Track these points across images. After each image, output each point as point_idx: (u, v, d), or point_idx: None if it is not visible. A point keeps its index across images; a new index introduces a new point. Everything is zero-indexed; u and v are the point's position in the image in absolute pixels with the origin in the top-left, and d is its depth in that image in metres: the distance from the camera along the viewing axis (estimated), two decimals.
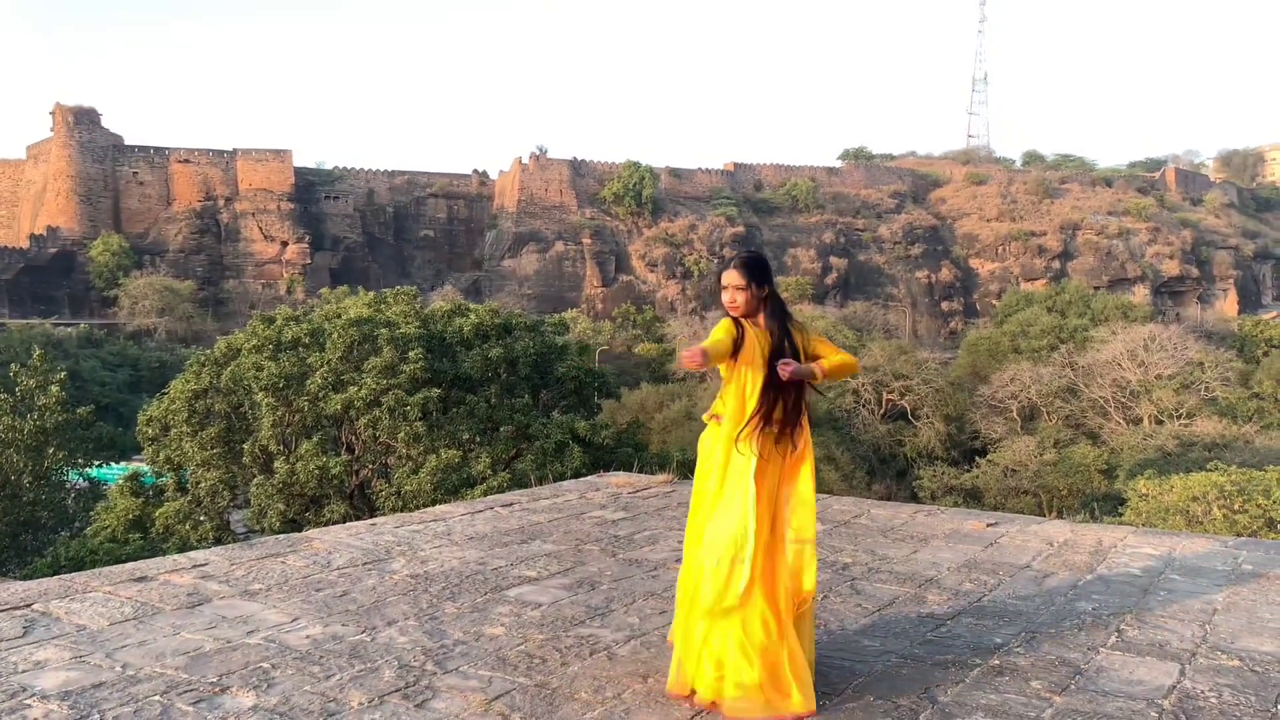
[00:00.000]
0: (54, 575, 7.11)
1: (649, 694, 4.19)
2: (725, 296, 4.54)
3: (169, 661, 4.49)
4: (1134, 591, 6.01)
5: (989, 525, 7.95)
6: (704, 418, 4.48)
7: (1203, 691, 4.31)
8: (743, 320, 4.47)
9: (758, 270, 4.55)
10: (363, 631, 5.01)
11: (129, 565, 6.30)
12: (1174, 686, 4.37)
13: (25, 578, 13.00)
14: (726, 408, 4.37)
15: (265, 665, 4.48)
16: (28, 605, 5.29)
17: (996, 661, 4.67)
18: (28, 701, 3.99)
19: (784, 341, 4.42)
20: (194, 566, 6.25)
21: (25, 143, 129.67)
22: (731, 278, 4.52)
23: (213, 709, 3.96)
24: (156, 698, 4.06)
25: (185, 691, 4.14)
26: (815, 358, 4.52)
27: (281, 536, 7.21)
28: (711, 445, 4.39)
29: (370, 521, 7.86)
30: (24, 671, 4.33)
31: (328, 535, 7.27)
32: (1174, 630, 5.20)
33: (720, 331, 4.41)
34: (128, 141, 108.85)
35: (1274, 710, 4.10)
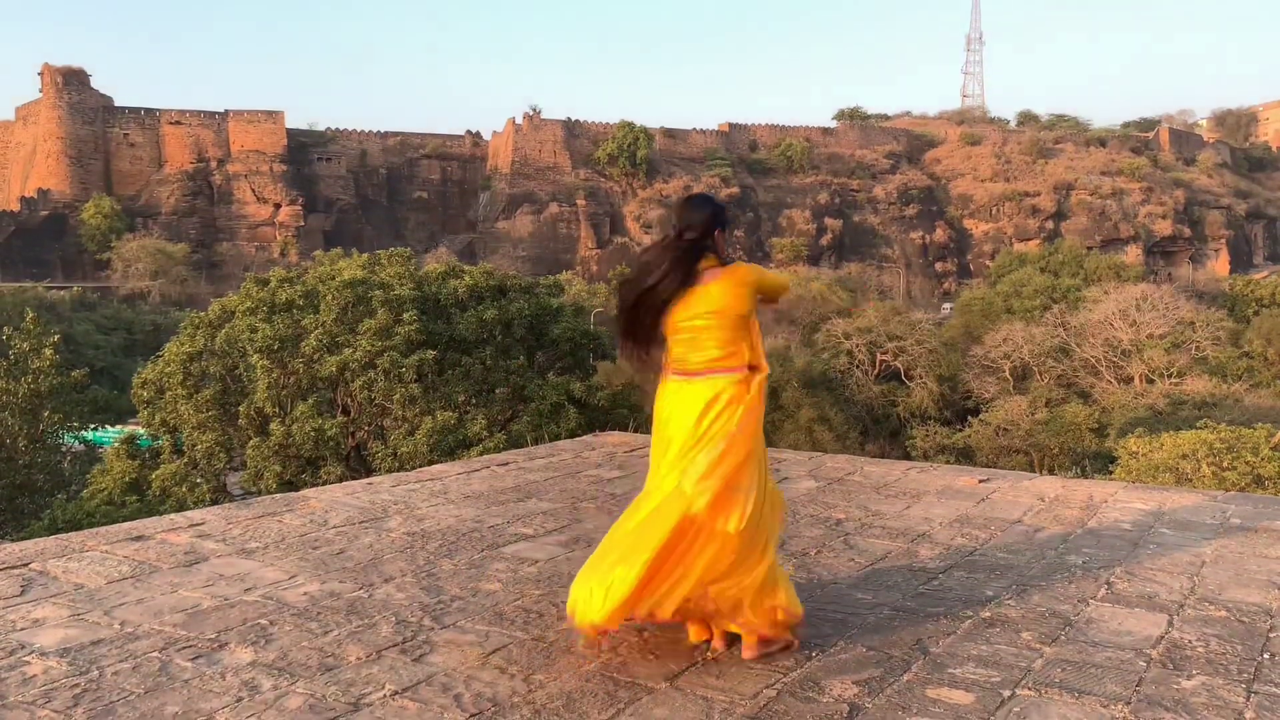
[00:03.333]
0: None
1: (644, 646, 4.23)
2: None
3: (167, 619, 4.53)
4: (1124, 545, 6.06)
5: (981, 481, 8.00)
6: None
7: (1190, 641, 4.36)
8: None
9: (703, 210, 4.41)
10: (360, 588, 5.05)
11: (126, 525, 6.33)
12: (1162, 637, 4.42)
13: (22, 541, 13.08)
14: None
15: (263, 622, 4.51)
16: (25, 564, 5.33)
17: (988, 614, 4.72)
18: (26, 659, 4.03)
19: None
20: (191, 526, 6.28)
21: (13, 104, 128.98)
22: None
23: (211, 664, 4.00)
24: (155, 654, 4.09)
25: (184, 648, 4.18)
26: None
27: (278, 495, 7.25)
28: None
29: (367, 480, 7.90)
30: (22, 629, 4.36)
31: (324, 494, 7.30)
32: (1163, 583, 5.25)
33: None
34: (118, 103, 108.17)
35: (1260, 659, 4.15)
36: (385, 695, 3.72)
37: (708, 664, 4.05)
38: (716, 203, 4.40)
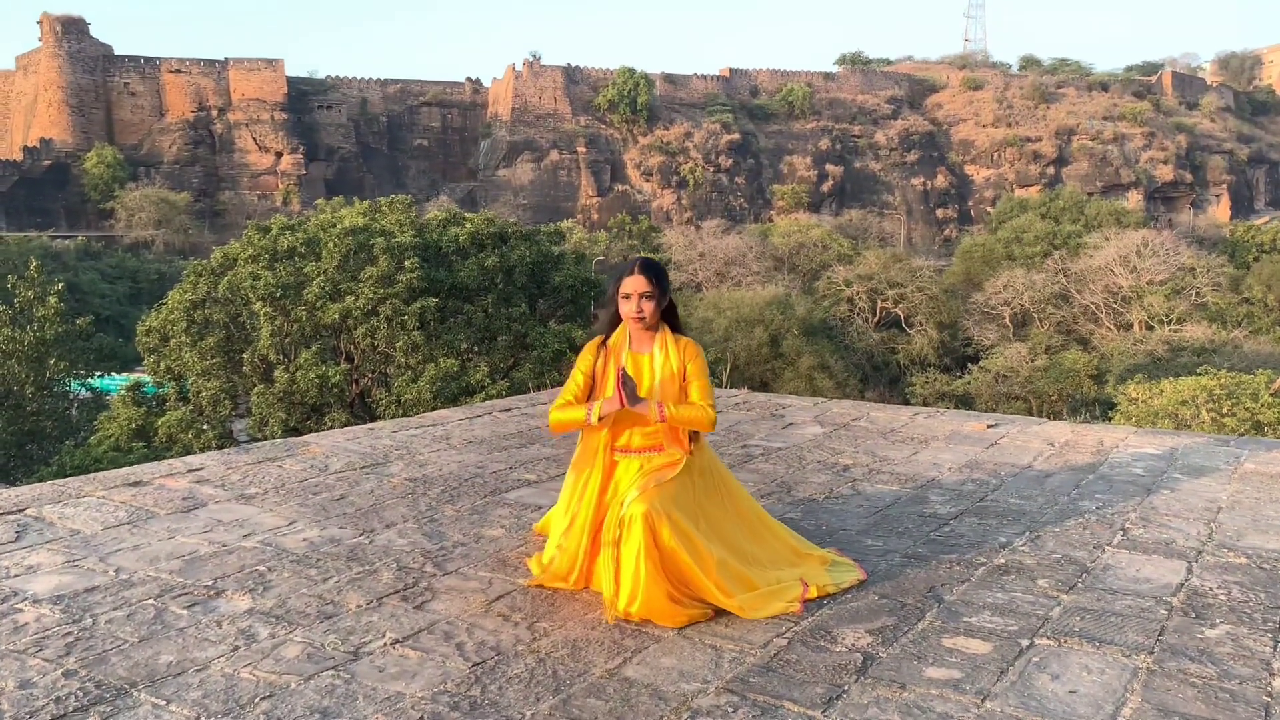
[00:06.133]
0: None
1: None
2: (629, 306, 4.24)
3: (163, 565, 4.43)
4: (1137, 490, 5.95)
5: (989, 426, 7.90)
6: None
7: (1211, 589, 4.26)
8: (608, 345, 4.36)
9: (664, 277, 4.31)
10: (361, 534, 4.95)
11: (123, 470, 6.23)
12: (1182, 584, 4.32)
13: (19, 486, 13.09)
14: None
15: (261, 568, 4.42)
16: (20, 510, 5.23)
17: (1001, 560, 4.62)
18: (20, 606, 3.93)
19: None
20: (189, 471, 6.19)
21: (13, 54, 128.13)
22: (638, 284, 4.22)
23: (207, 612, 3.90)
24: (150, 601, 4.00)
25: (180, 595, 4.08)
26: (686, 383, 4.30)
27: (279, 441, 7.14)
28: None
29: (368, 426, 7.79)
30: (16, 576, 4.27)
31: (325, 440, 7.20)
32: (1179, 529, 5.15)
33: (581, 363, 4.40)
34: (117, 51, 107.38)
35: None
36: (385, 644, 3.62)
37: (715, 616, 3.95)
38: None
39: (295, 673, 3.38)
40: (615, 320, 4.35)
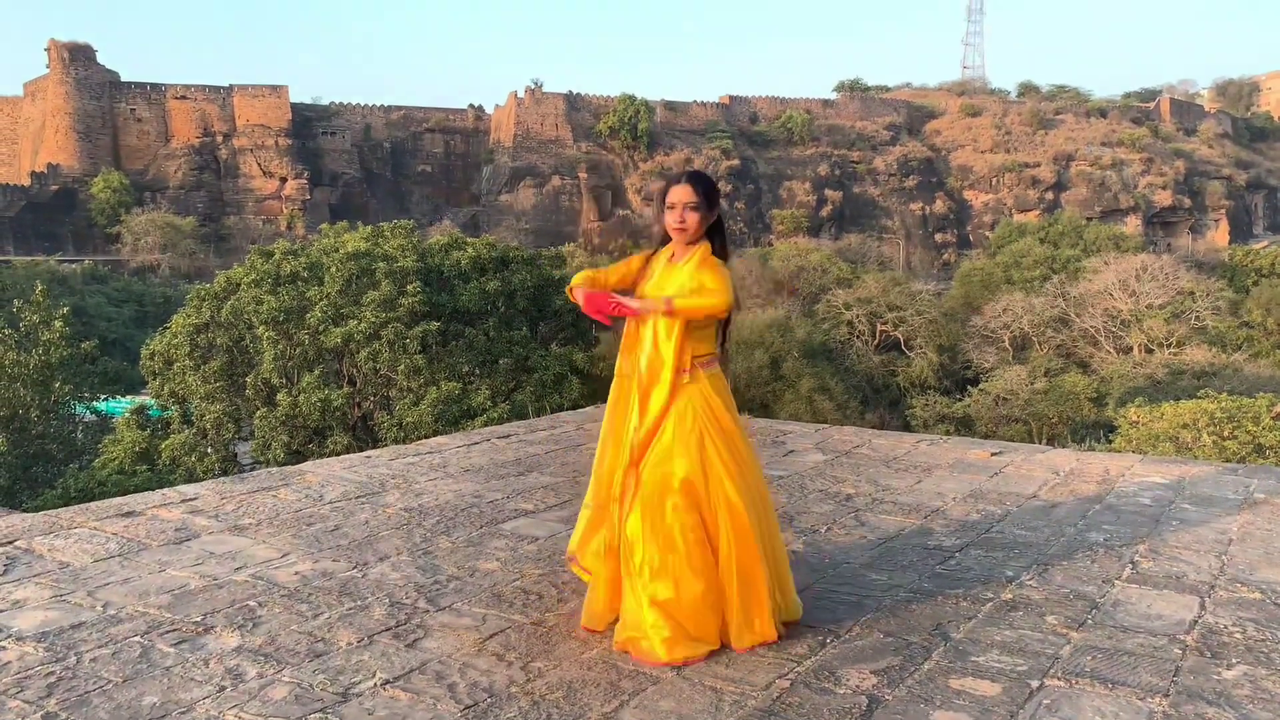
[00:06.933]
0: (64, 506, 6.94)
1: None
2: (672, 217, 4.04)
3: (152, 600, 4.33)
4: (1145, 521, 5.85)
5: (993, 454, 7.80)
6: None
7: (1226, 626, 4.15)
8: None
9: (713, 190, 4.09)
10: (354, 567, 4.85)
11: (116, 500, 6.13)
12: (1195, 621, 4.21)
13: (36, 509, 12.98)
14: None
15: (251, 603, 4.32)
16: (10, 542, 5.13)
17: (1009, 595, 4.52)
18: (2, 643, 3.83)
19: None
20: (183, 501, 6.09)
21: (21, 80, 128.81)
22: (683, 194, 4.03)
23: (195, 650, 3.80)
24: (137, 639, 3.90)
25: (167, 631, 3.98)
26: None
27: (274, 470, 7.04)
28: None
29: (365, 454, 7.70)
30: (1, 612, 4.17)
31: (321, 468, 7.11)
32: (1190, 562, 5.04)
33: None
34: (124, 78, 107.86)
35: None
36: (375, 684, 3.52)
37: (716, 652, 3.84)
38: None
39: (281, 715, 3.27)
40: (667, 235, 4.16)
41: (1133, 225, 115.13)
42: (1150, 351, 46.23)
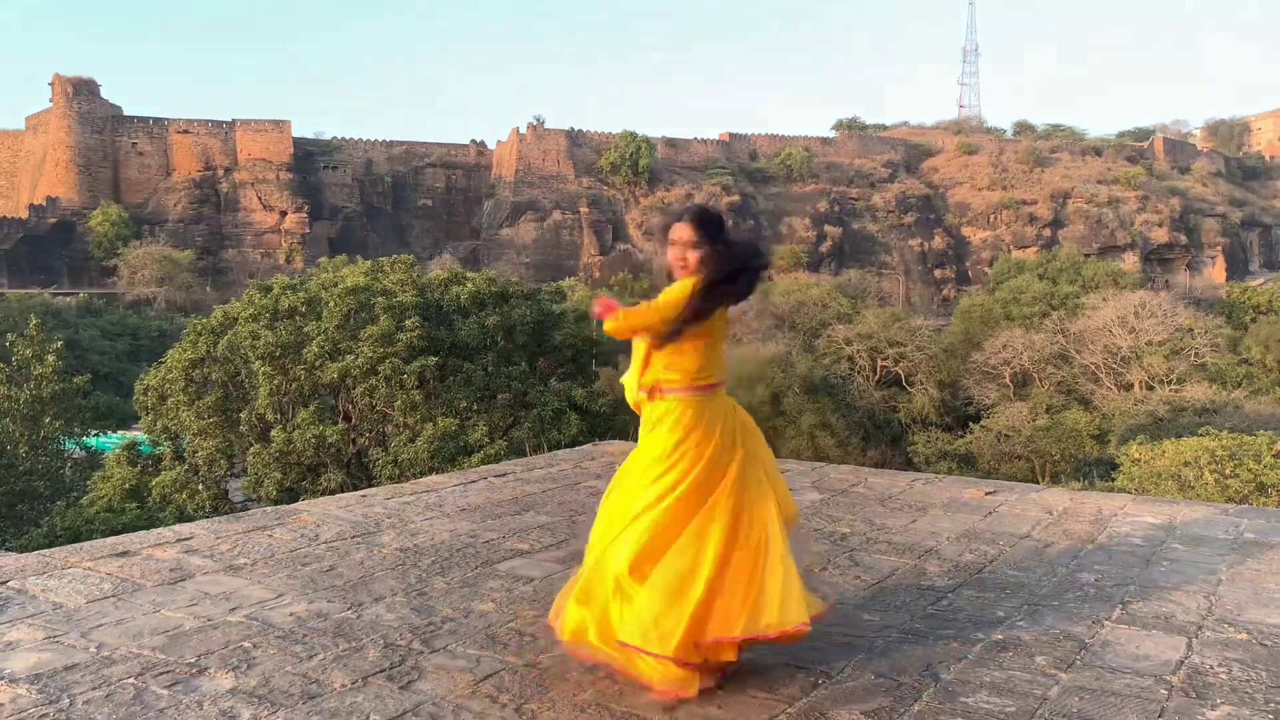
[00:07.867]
0: (50, 545, 6.95)
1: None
2: (674, 253, 4.08)
3: (146, 641, 4.35)
4: (1136, 562, 5.88)
5: (988, 493, 7.82)
6: None
7: (1212, 666, 4.18)
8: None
9: (714, 228, 4.10)
10: (349, 608, 4.87)
11: (111, 540, 6.15)
12: (1182, 661, 4.24)
13: (20, 548, 12.91)
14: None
15: (246, 645, 4.34)
16: (2, 583, 5.15)
17: (1000, 636, 4.54)
18: None
19: None
20: (178, 540, 6.11)
21: (24, 114, 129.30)
22: (682, 232, 4.07)
23: (189, 692, 3.83)
24: (130, 680, 3.92)
25: (161, 673, 4.00)
26: None
27: (269, 509, 7.07)
28: None
29: (360, 493, 7.72)
30: None
31: (316, 507, 7.13)
32: (1179, 602, 5.07)
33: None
34: (127, 112, 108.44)
35: None
36: None
37: (708, 693, 3.86)
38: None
39: None
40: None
41: (1130, 262, 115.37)
42: (1151, 388, 46.28)
